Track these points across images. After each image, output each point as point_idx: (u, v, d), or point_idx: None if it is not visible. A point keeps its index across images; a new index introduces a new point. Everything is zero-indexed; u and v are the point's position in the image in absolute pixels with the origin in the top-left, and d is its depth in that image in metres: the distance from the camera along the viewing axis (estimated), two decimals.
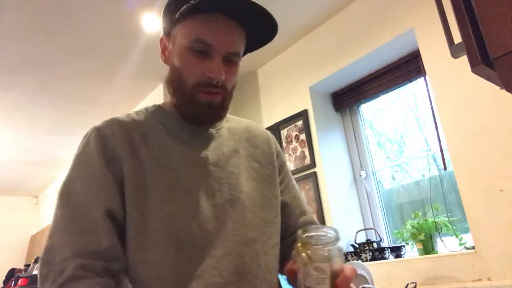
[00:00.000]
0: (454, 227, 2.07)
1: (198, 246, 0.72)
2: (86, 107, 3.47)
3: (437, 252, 2.07)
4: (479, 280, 1.77)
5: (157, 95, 3.30)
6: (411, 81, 2.40)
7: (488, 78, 0.71)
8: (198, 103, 0.78)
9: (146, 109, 0.87)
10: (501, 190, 1.74)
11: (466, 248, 1.93)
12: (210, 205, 0.77)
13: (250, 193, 0.83)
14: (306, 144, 2.67)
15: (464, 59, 0.69)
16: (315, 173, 2.58)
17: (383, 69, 2.53)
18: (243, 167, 0.86)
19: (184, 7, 0.74)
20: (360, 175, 2.64)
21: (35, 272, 4.18)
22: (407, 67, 2.38)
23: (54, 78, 2.97)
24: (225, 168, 0.83)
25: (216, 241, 0.74)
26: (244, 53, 0.87)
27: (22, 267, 5.33)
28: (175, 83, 0.81)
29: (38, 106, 3.41)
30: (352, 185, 2.66)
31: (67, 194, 0.73)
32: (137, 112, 0.86)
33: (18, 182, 5.70)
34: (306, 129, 2.68)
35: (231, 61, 0.80)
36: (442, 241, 2.06)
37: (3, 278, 5.23)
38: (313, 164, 2.60)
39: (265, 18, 0.80)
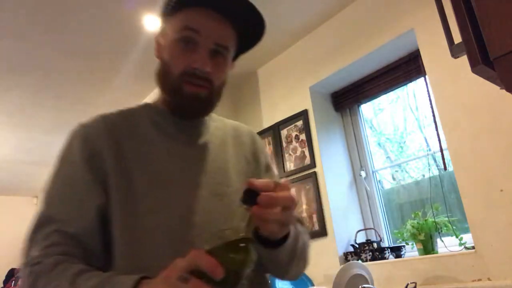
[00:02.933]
0: (454, 227, 2.07)
1: (186, 239, 0.72)
2: (86, 107, 3.47)
3: (437, 252, 2.07)
4: (479, 280, 1.77)
5: (156, 95, 3.30)
6: (411, 81, 2.39)
7: (488, 78, 0.71)
8: (183, 94, 0.78)
9: (136, 106, 0.88)
10: (501, 190, 1.74)
11: (466, 248, 1.93)
12: (197, 198, 0.77)
13: (239, 188, 0.83)
14: (306, 144, 2.67)
15: (464, 59, 0.69)
16: (315, 173, 2.58)
17: (383, 69, 2.53)
18: (231, 163, 0.86)
19: (173, 1, 0.76)
20: (360, 175, 2.64)
21: None
22: (407, 67, 2.38)
23: (54, 78, 2.97)
24: (212, 163, 0.83)
25: (204, 234, 0.74)
26: (236, 56, 0.88)
27: None
28: (162, 75, 0.82)
29: (38, 106, 3.41)
30: (352, 185, 2.66)
31: (48, 191, 0.75)
32: (127, 108, 0.86)
33: (18, 182, 5.70)
34: (306, 129, 2.68)
35: (219, 54, 0.80)
36: (442, 241, 2.06)
37: (3, 278, 5.23)
38: (313, 164, 2.60)
39: (253, 15, 0.80)
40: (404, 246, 2.26)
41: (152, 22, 2.41)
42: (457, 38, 0.73)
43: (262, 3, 0.79)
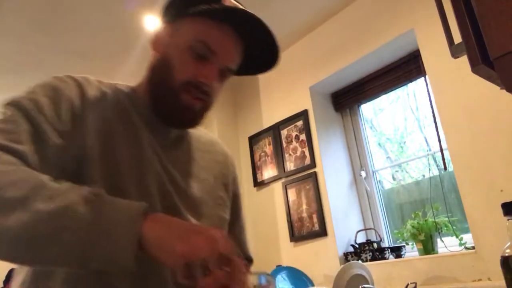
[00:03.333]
0: (454, 227, 2.07)
1: None
2: None
3: (437, 252, 2.07)
4: (479, 280, 1.77)
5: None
6: (411, 81, 2.39)
7: (488, 78, 0.71)
8: (179, 103, 0.75)
9: (118, 86, 0.81)
10: (501, 190, 1.74)
11: (466, 248, 1.93)
12: (162, 206, 0.73)
13: (201, 207, 0.80)
14: (306, 144, 2.67)
15: (464, 59, 0.69)
16: (315, 173, 2.58)
17: (383, 69, 2.53)
18: (198, 178, 0.83)
19: (205, 6, 0.72)
20: (360, 175, 2.64)
21: None
22: (407, 67, 2.38)
23: None
24: (178, 172, 0.79)
25: None
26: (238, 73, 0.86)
27: None
28: (161, 74, 0.77)
29: None
30: (352, 185, 2.66)
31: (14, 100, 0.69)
32: (110, 85, 0.80)
33: None
34: (306, 129, 2.68)
35: (224, 75, 0.79)
36: (442, 241, 2.06)
37: (3, 278, 5.23)
38: (313, 164, 2.60)
39: (269, 43, 0.81)
40: (404, 246, 2.26)
41: (152, 23, 2.41)
42: (457, 38, 0.73)
43: (262, 3, 0.79)
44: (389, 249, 2.29)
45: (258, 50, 0.82)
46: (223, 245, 0.53)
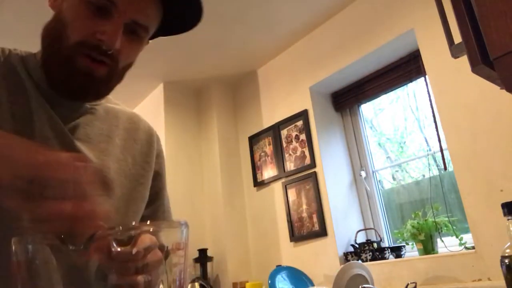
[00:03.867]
0: (454, 227, 2.07)
1: None
2: None
3: (437, 252, 2.07)
4: (479, 280, 1.77)
5: (157, 95, 3.30)
6: (411, 81, 2.39)
7: (488, 78, 0.71)
8: (74, 68, 0.62)
9: (15, 51, 0.70)
10: (501, 190, 1.74)
11: (466, 248, 1.93)
12: None
13: (116, 189, 0.69)
14: (306, 144, 2.67)
15: (464, 59, 0.69)
16: (315, 173, 2.58)
17: (383, 69, 2.53)
18: (114, 157, 0.71)
19: None
20: (360, 175, 2.64)
21: None
22: (407, 67, 2.38)
23: None
24: (90, 151, 0.67)
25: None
26: (155, 35, 0.72)
27: None
28: (53, 35, 0.65)
29: None
30: (352, 185, 2.66)
31: None
32: (6, 51, 0.69)
33: None
34: (306, 129, 2.68)
35: (135, 33, 0.65)
36: (442, 241, 2.06)
37: None
38: (313, 164, 2.60)
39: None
40: (404, 246, 2.26)
41: None
42: (457, 38, 0.73)
43: (262, 3, 0.78)
44: (389, 249, 2.29)
45: (178, 5, 0.68)
46: (84, 169, 0.43)
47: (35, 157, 0.43)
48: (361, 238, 2.45)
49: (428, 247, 2.08)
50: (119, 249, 0.44)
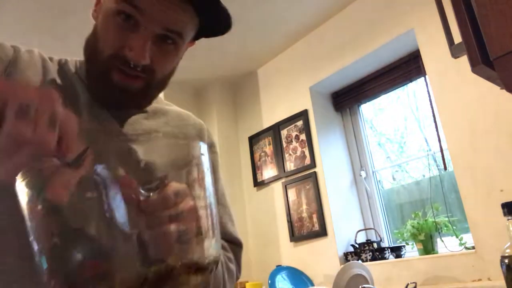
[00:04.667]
0: (454, 227, 2.07)
1: None
2: None
3: (437, 252, 2.07)
4: (479, 280, 1.77)
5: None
6: (411, 81, 2.40)
7: (488, 78, 0.71)
8: (110, 83, 0.61)
9: (68, 66, 0.69)
10: (501, 190, 1.74)
11: (466, 248, 1.93)
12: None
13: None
14: (306, 144, 2.67)
15: (464, 59, 0.69)
16: (315, 173, 2.58)
17: (383, 69, 2.53)
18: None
19: None
20: (360, 175, 2.64)
21: None
22: (407, 67, 2.38)
23: None
24: (138, 148, 0.64)
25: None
26: (198, 36, 0.69)
27: None
28: (90, 48, 0.64)
29: None
30: (352, 185, 2.66)
31: None
32: (60, 68, 0.68)
33: None
34: (306, 129, 2.68)
35: (169, 41, 0.62)
36: (442, 241, 2.06)
37: None
38: (313, 164, 2.60)
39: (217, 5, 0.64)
40: (404, 246, 2.26)
41: None
42: (457, 38, 0.73)
43: (262, 3, 0.78)
44: (389, 249, 2.29)
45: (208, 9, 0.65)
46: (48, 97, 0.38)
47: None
48: (361, 238, 2.45)
49: (428, 247, 2.08)
50: (148, 197, 0.41)
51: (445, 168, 2.10)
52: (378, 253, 2.27)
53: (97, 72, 0.62)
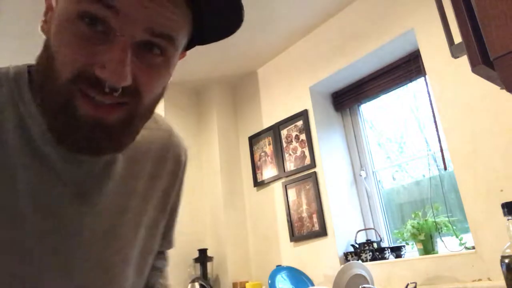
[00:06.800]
0: (454, 227, 2.07)
1: None
2: None
3: (437, 252, 2.07)
4: (479, 280, 1.77)
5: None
6: (411, 81, 2.39)
7: (488, 78, 0.71)
8: (75, 116, 0.43)
9: (7, 84, 0.49)
10: (501, 190, 1.74)
11: (466, 248, 1.93)
12: (72, 274, 0.50)
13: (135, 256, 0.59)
14: (306, 144, 2.67)
15: (464, 59, 0.69)
16: (315, 173, 2.58)
17: (383, 69, 2.53)
18: (130, 215, 0.58)
19: None
20: (360, 175, 2.64)
21: None
22: (407, 67, 2.38)
23: None
24: (109, 220, 0.54)
25: None
26: (190, 46, 0.53)
27: None
28: (43, 71, 0.47)
29: None
30: (352, 185, 2.66)
31: None
32: None
33: None
34: (306, 129, 2.68)
35: (157, 49, 0.45)
36: (442, 241, 2.06)
37: None
38: (313, 164, 2.60)
39: None
40: (404, 246, 2.26)
41: None
42: (457, 38, 0.73)
43: (262, 3, 0.77)
44: (389, 249, 2.29)
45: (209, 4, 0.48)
46: None
47: None
48: (361, 238, 2.45)
49: (428, 247, 2.08)
50: None
51: (445, 168, 2.10)
52: (378, 253, 2.27)
53: (56, 103, 0.44)
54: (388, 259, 2.25)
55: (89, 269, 0.52)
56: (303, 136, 2.71)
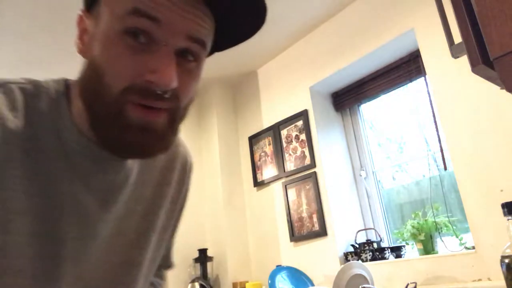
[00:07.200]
0: (454, 227, 2.07)
1: None
2: None
3: (437, 252, 2.07)
4: (479, 280, 1.77)
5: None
6: (411, 81, 2.39)
7: (488, 78, 0.71)
8: (126, 124, 0.47)
9: (47, 98, 0.53)
10: (501, 190, 1.74)
11: (466, 248, 1.93)
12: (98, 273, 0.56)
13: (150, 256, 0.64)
14: (306, 144, 2.67)
15: (464, 59, 0.69)
16: (315, 173, 2.58)
17: (383, 69, 2.53)
18: (137, 220, 0.62)
19: None
20: (360, 175, 2.64)
21: None
22: (407, 67, 2.38)
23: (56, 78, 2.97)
24: (136, 223, 0.61)
25: None
26: (210, 52, 0.56)
27: None
28: (92, 90, 0.49)
29: None
30: (352, 185, 2.65)
31: None
32: (29, 101, 0.52)
33: None
34: (306, 129, 2.68)
35: (191, 56, 0.50)
36: (442, 241, 2.06)
37: None
38: (313, 164, 2.60)
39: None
40: (404, 246, 2.26)
41: None
42: (457, 38, 0.73)
43: None
44: (389, 249, 2.29)
45: (231, 11, 0.53)
46: None
47: None
48: (361, 238, 2.45)
49: (428, 247, 2.08)
50: None
51: (445, 168, 2.10)
52: (378, 253, 2.27)
53: (108, 116, 0.47)
54: (388, 259, 2.25)
55: (99, 274, 0.56)
56: (303, 136, 2.71)
